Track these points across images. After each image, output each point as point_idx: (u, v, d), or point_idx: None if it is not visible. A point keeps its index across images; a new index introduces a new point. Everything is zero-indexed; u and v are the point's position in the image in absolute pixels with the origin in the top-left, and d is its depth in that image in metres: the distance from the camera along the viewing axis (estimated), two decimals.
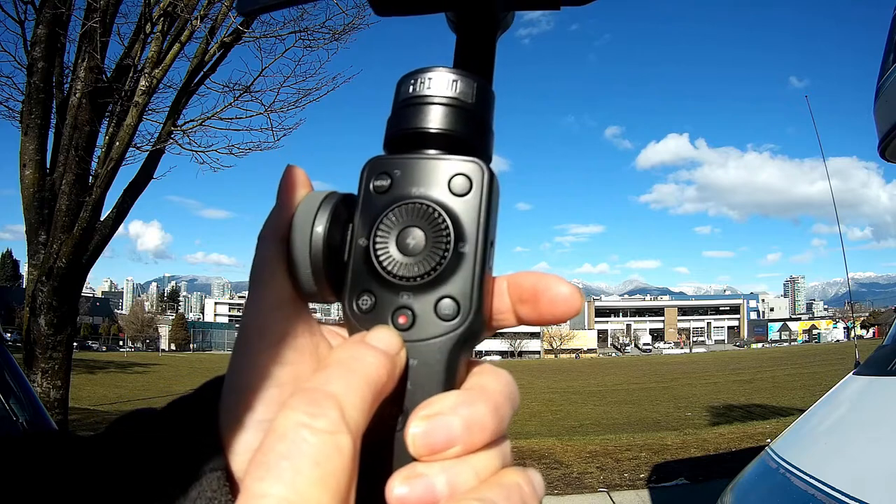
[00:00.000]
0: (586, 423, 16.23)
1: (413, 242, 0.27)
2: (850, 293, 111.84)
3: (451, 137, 0.28)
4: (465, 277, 0.27)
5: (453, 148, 0.29)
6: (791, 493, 1.83)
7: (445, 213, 0.27)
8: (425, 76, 0.29)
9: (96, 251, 5.44)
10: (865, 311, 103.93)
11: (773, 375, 28.95)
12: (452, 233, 0.27)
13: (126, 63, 5.39)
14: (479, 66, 0.32)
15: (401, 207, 0.28)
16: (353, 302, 0.28)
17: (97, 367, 34.09)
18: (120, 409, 16.51)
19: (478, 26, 0.32)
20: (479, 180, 0.28)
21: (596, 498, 5.76)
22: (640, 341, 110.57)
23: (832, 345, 65.77)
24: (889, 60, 2.98)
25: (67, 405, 5.47)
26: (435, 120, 0.28)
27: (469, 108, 0.29)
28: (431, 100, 0.29)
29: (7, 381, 2.34)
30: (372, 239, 0.28)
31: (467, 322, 0.27)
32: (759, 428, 8.79)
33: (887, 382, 2.18)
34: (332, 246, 0.28)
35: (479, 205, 0.28)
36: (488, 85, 0.30)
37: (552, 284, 0.28)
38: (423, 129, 0.28)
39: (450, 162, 0.28)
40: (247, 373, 0.27)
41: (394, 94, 0.30)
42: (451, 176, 0.28)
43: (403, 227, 0.28)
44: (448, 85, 0.29)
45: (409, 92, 0.29)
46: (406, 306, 0.27)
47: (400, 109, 0.29)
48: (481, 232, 0.28)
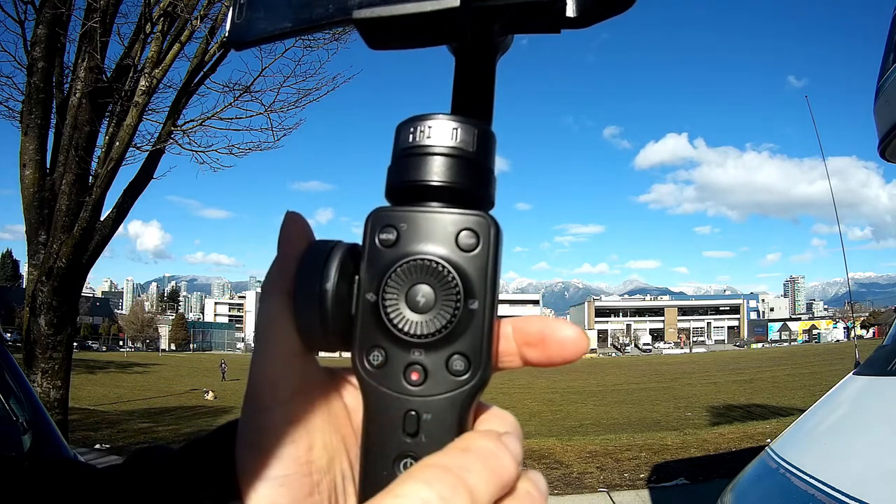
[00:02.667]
0: (586, 423, 16.22)
1: (423, 300, 0.28)
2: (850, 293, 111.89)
3: (454, 190, 0.28)
4: (476, 334, 0.28)
5: (457, 199, 0.29)
6: (791, 493, 1.83)
7: (455, 270, 0.28)
8: (425, 124, 0.29)
9: (96, 251, 5.44)
10: (865, 311, 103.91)
11: (773, 375, 28.95)
12: (462, 290, 0.28)
13: (126, 63, 5.39)
14: (480, 99, 0.31)
15: (409, 264, 0.28)
16: (363, 357, 0.29)
17: (97, 367, 34.09)
18: (119, 409, 16.50)
19: (476, 54, 0.32)
20: (486, 235, 0.28)
21: (596, 498, 5.76)
22: (640, 341, 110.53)
23: (832, 345, 65.76)
24: (889, 60, 2.98)
25: (67, 405, 5.47)
26: (437, 172, 0.28)
27: (470, 156, 0.29)
28: (432, 150, 0.29)
29: (7, 381, 2.34)
30: (381, 295, 0.28)
31: (477, 377, 0.28)
32: (759, 428, 8.79)
33: (887, 382, 2.18)
34: (341, 301, 0.28)
35: (487, 260, 0.28)
36: (488, 129, 0.30)
37: (559, 328, 0.29)
38: (425, 181, 0.28)
39: (456, 216, 0.28)
40: (260, 430, 0.28)
41: (393, 140, 0.30)
42: (458, 231, 0.28)
43: (413, 284, 0.28)
44: (449, 134, 0.29)
45: (410, 141, 0.29)
46: (418, 363, 0.28)
47: (401, 159, 0.29)
48: (489, 287, 0.28)
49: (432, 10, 0.27)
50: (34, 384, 4.97)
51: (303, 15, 0.29)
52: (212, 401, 23.29)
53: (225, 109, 6.20)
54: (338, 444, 0.30)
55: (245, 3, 0.31)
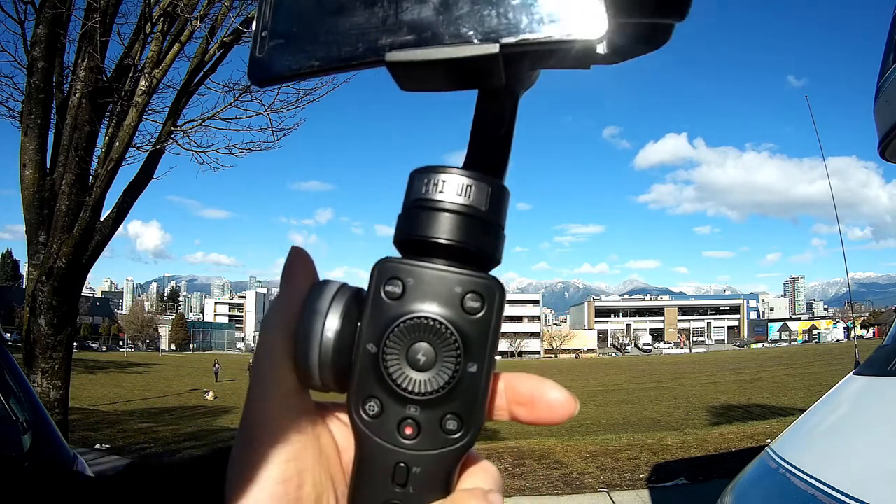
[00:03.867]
0: (586, 423, 16.22)
1: (424, 359, 0.28)
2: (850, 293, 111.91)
3: (463, 249, 0.29)
4: (472, 397, 0.28)
5: (465, 258, 0.29)
6: (791, 493, 1.83)
7: (457, 332, 0.28)
8: (439, 178, 0.29)
9: (96, 251, 5.44)
10: (865, 311, 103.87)
11: (773, 375, 28.96)
12: (463, 353, 0.28)
13: (126, 63, 5.39)
14: (499, 149, 0.31)
15: (413, 321, 0.28)
16: (359, 406, 0.29)
17: (97, 367, 34.11)
18: (119, 409, 16.50)
19: (502, 96, 0.31)
20: (491, 299, 0.28)
21: (596, 498, 5.76)
22: (640, 341, 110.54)
23: (832, 345, 65.75)
24: (889, 60, 2.97)
25: (67, 405, 5.47)
26: (447, 230, 0.28)
27: (482, 215, 0.29)
28: (444, 206, 0.29)
29: (7, 381, 2.34)
30: (382, 348, 0.28)
31: (469, 437, 0.29)
32: (759, 428, 8.79)
33: (887, 382, 2.18)
34: (342, 347, 0.29)
35: (490, 325, 0.28)
36: (502, 185, 0.30)
37: (549, 391, 0.29)
38: (434, 239, 0.28)
39: (464, 277, 0.28)
40: (252, 468, 0.28)
41: (406, 186, 0.30)
42: (464, 293, 0.28)
43: (414, 342, 0.28)
44: (462, 191, 0.29)
45: (422, 193, 0.29)
46: (412, 418, 0.28)
47: (412, 209, 0.29)
48: (490, 351, 0.28)
49: (472, 55, 0.26)
50: (34, 384, 4.97)
51: (331, 54, 0.28)
52: (212, 401, 23.31)
53: (225, 109, 6.20)
54: (326, 482, 0.30)
55: (267, 36, 0.30)
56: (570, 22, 0.26)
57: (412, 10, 0.27)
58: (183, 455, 0.29)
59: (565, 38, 0.26)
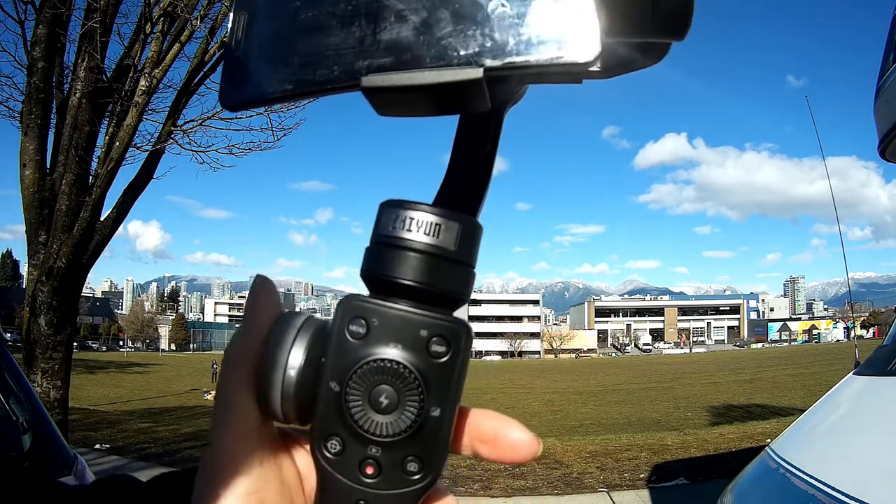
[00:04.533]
0: (586, 423, 16.23)
1: (386, 402, 0.28)
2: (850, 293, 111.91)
3: (429, 291, 0.28)
4: (433, 440, 0.28)
5: (431, 299, 0.28)
6: (791, 493, 1.83)
7: (421, 377, 0.28)
8: (407, 215, 0.28)
9: (96, 251, 5.44)
10: (865, 311, 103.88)
11: (773, 375, 28.97)
12: (426, 397, 0.28)
13: (126, 63, 5.39)
14: (476, 181, 0.30)
15: (377, 363, 0.28)
16: (321, 443, 0.29)
17: (97, 367, 34.12)
18: (120, 409, 16.50)
19: (485, 117, 0.30)
20: (456, 343, 0.28)
21: (596, 498, 5.76)
22: (640, 341, 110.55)
23: (832, 345, 65.76)
24: (889, 60, 2.97)
25: (67, 405, 5.47)
26: (412, 272, 0.28)
27: (449, 255, 0.28)
28: (410, 245, 0.28)
29: (7, 381, 2.34)
30: (345, 388, 0.28)
31: (429, 479, 0.29)
32: (759, 428, 8.79)
33: (887, 382, 2.18)
34: (304, 382, 0.28)
35: (455, 369, 0.28)
36: (474, 222, 0.29)
37: (512, 431, 0.29)
38: (399, 280, 0.28)
39: (429, 320, 0.28)
40: (216, 497, 0.28)
41: (375, 218, 0.29)
42: (429, 337, 0.28)
43: (377, 384, 0.28)
44: (429, 230, 0.28)
45: (390, 230, 0.28)
46: (373, 458, 0.28)
47: (379, 245, 0.29)
48: (453, 394, 0.28)
49: (452, 80, 0.25)
50: (34, 384, 4.97)
51: (304, 77, 0.27)
52: (212, 401, 23.30)
53: (225, 109, 6.19)
54: None
55: (238, 59, 0.29)
56: (560, 44, 0.25)
57: (391, 30, 0.26)
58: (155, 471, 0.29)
59: (554, 61, 0.25)
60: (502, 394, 26.84)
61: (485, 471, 6.56)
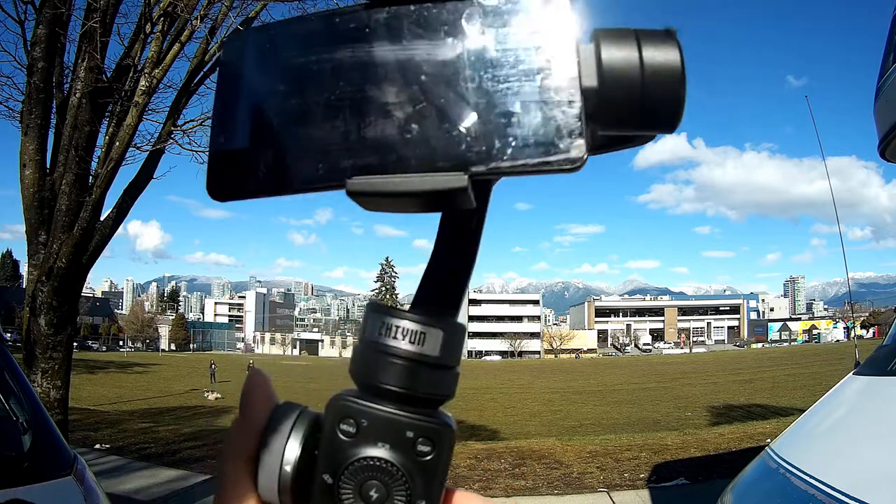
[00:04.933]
0: (586, 423, 16.22)
1: (376, 496, 0.29)
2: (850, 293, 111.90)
3: (414, 396, 0.30)
4: None
5: (417, 401, 0.30)
6: (791, 493, 1.83)
7: (408, 474, 0.29)
8: (392, 323, 0.30)
9: (96, 251, 5.44)
10: (865, 311, 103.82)
11: (773, 375, 28.95)
12: (413, 492, 0.30)
13: (126, 63, 5.39)
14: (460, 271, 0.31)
15: (366, 461, 0.30)
16: None
17: (97, 367, 34.08)
18: (120, 409, 16.49)
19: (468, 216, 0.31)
20: (440, 443, 0.30)
21: (596, 498, 5.76)
22: (640, 341, 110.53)
23: (832, 345, 65.74)
24: (889, 60, 2.97)
25: (67, 405, 5.47)
26: (397, 379, 0.29)
27: (433, 361, 0.30)
28: (396, 352, 0.29)
29: (7, 381, 2.34)
30: (337, 481, 0.30)
31: None
32: (759, 428, 8.79)
33: (887, 382, 2.18)
34: (300, 474, 0.30)
35: (439, 466, 0.30)
36: (456, 325, 0.30)
37: None
38: (386, 386, 0.29)
39: (414, 422, 0.30)
40: None
41: (363, 317, 0.31)
42: (415, 438, 0.30)
43: (367, 479, 0.30)
44: (414, 338, 0.29)
45: (376, 336, 0.30)
46: None
47: (366, 352, 0.30)
48: (437, 489, 0.30)
49: (437, 189, 0.26)
50: (34, 384, 4.97)
51: (290, 176, 0.28)
52: (214, 401, 23.30)
53: None
54: None
55: (223, 154, 0.29)
56: (548, 147, 0.25)
57: (376, 126, 0.26)
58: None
59: (541, 166, 0.25)
60: (502, 394, 26.84)
61: (485, 471, 6.57)
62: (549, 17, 0.26)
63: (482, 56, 0.26)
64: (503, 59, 0.26)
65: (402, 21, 0.27)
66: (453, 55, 0.26)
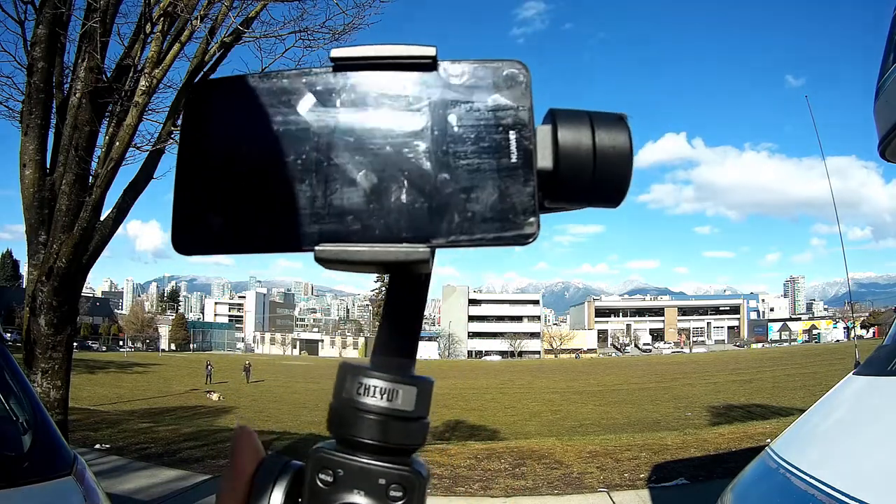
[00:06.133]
0: (586, 423, 16.24)
1: None
2: (850, 293, 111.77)
3: (387, 448, 0.32)
4: None
5: (391, 452, 0.32)
6: (791, 493, 1.83)
7: None
8: (366, 382, 0.32)
9: (96, 251, 5.44)
10: (865, 311, 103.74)
11: (773, 375, 28.95)
12: None
13: (126, 63, 5.39)
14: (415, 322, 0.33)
15: None
16: None
17: (97, 367, 34.08)
18: (120, 409, 16.49)
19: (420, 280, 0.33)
20: (412, 489, 0.32)
21: (596, 498, 5.76)
22: (640, 341, 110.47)
23: (832, 345, 65.68)
24: (889, 60, 2.97)
25: (67, 405, 5.47)
26: (371, 433, 0.32)
27: (406, 416, 0.32)
28: (370, 409, 0.32)
29: (7, 381, 2.33)
30: None
31: None
32: (759, 428, 8.79)
33: (887, 382, 2.18)
34: None
35: None
36: (428, 383, 0.33)
37: None
38: (361, 439, 0.32)
39: (387, 470, 0.32)
40: None
41: (338, 374, 0.33)
42: (388, 485, 0.32)
43: None
44: (388, 395, 0.32)
45: (353, 393, 0.32)
46: None
47: (342, 408, 0.32)
48: None
49: (400, 261, 0.27)
50: (34, 384, 4.96)
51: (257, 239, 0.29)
52: (215, 401, 23.29)
53: None
54: None
55: (190, 212, 0.30)
56: (504, 223, 0.26)
57: (341, 194, 0.27)
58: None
59: (497, 242, 0.27)
60: (502, 394, 26.82)
61: (485, 471, 6.56)
62: (509, 97, 0.28)
63: (445, 131, 0.27)
64: (465, 135, 0.27)
65: (369, 88, 0.28)
66: (418, 127, 0.27)
